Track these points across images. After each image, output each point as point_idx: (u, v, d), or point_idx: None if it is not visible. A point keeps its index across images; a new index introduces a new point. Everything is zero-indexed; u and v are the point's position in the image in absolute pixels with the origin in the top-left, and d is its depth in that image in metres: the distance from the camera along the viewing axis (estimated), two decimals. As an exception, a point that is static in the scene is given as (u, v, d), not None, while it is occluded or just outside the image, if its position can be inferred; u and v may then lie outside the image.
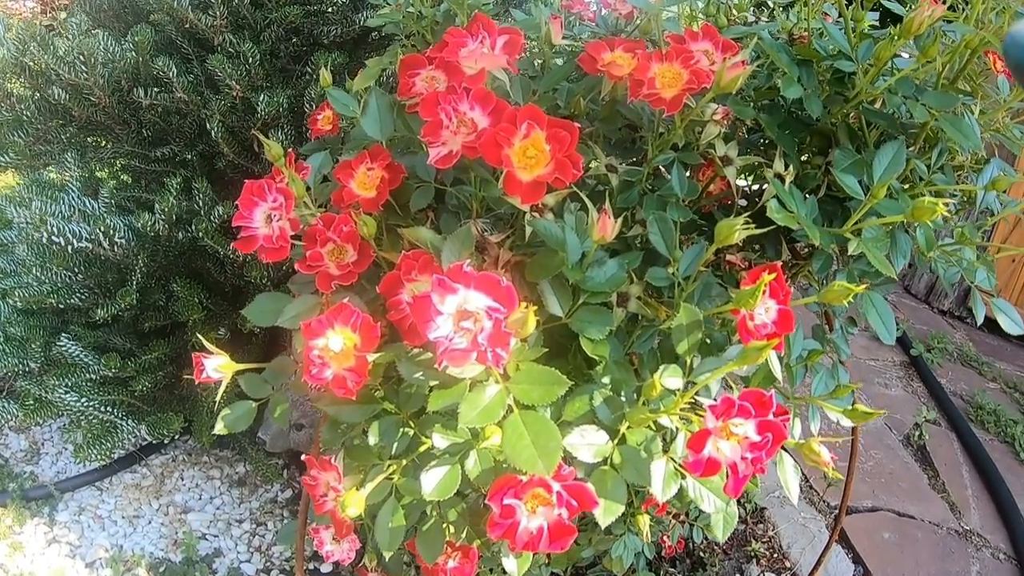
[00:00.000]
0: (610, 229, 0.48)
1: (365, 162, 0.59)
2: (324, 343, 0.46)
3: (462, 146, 0.51)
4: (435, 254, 0.51)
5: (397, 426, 0.54)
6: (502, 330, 0.41)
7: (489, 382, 0.46)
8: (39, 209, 0.96)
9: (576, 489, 0.44)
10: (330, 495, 0.53)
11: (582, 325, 0.52)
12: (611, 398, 0.52)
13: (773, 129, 0.66)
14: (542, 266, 0.51)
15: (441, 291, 0.41)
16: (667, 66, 0.55)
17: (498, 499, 0.43)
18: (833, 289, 0.51)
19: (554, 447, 0.43)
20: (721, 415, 0.43)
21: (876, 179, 0.57)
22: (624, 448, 0.50)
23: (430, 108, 0.53)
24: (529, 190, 0.47)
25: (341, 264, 0.54)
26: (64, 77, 1.06)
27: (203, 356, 0.57)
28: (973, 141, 0.56)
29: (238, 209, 0.54)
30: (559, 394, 0.45)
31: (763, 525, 1.24)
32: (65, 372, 1.05)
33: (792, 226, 0.51)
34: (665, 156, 0.60)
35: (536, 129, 0.48)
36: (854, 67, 0.62)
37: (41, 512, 1.16)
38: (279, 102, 1.12)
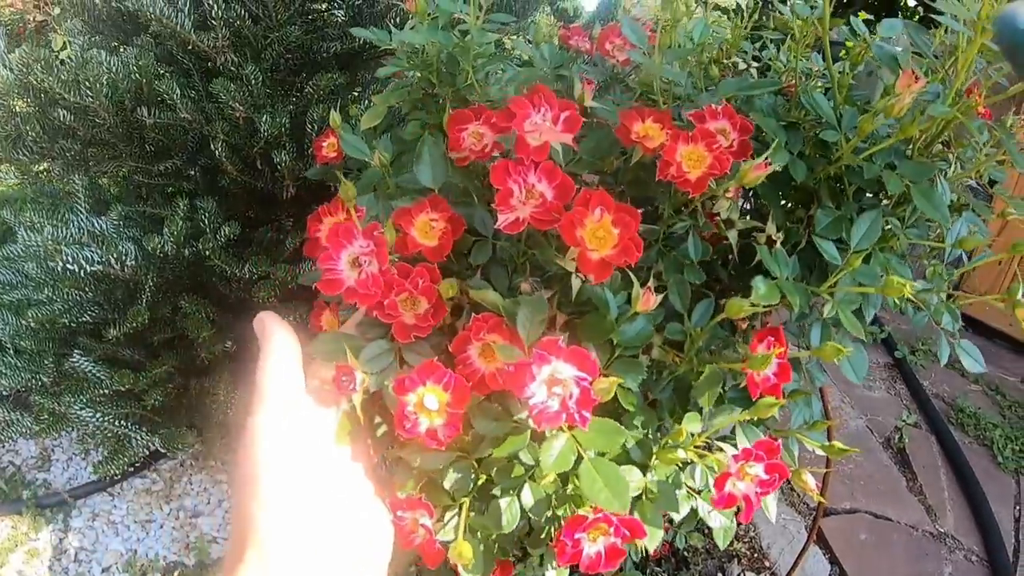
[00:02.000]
0: (652, 303, 0.55)
1: (426, 211, 0.63)
2: (418, 399, 0.51)
3: (530, 215, 0.57)
4: (507, 317, 0.56)
5: (470, 469, 0.60)
6: (590, 396, 0.48)
7: (556, 433, 0.52)
8: (51, 236, 0.99)
9: (629, 522, 0.52)
10: (420, 531, 0.59)
11: (618, 376, 0.59)
12: (642, 440, 0.59)
13: (761, 189, 0.70)
14: (593, 329, 0.58)
15: (538, 362, 0.48)
16: (692, 148, 0.60)
17: (570, 535, 0.51)
18: (825, 349, 0.58)
19: (623, 488, 0.51)
20: (740, 461, 0.52)
21: (853, 246, 0.62)
22: (657, 483, 0.58)
23: (501, 178, 0.57)
24: (599, 268, 0.53)
25: (418, 315, 0.58)
26: (68, 99, 1.07)
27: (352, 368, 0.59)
28: (941, 214, 0.62)
29: (327, 250, 0.56)
30: (620, 443, 0.52)
31: (744, 526, 1.32)
32: (79, 387, 1.09)
33: (774, 300, 0.57)
34: (682, 224, 0.66)
35: (606, 213, 0.54)
36: (838, 136, 0.66)
37: (56, 519, 1.21)
38: (281, 122, 1.14)
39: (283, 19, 1.18)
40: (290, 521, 0.35)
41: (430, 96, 0.86)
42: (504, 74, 0.82)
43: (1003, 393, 1.84)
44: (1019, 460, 1.62)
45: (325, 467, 0.40)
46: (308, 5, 1.22)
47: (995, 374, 1.93)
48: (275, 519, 0.34)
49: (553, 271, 0.63)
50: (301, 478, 0.36)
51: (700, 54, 0.86)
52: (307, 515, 0.37)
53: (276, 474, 0.35)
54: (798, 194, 0.75)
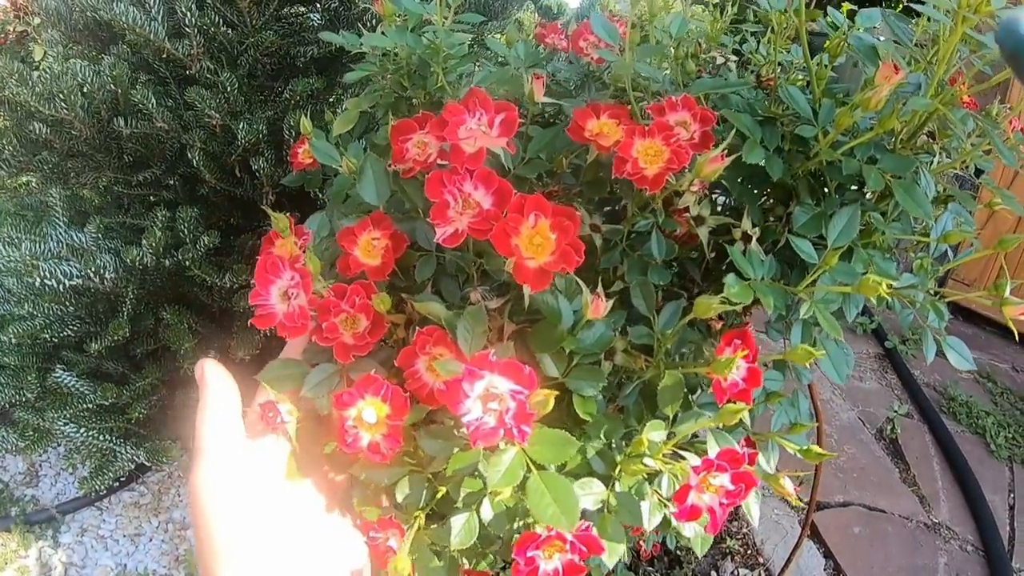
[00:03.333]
0: (602, 310, 0.53)
1: (368, 230, 0.62)
2: (357, 413, 0.50)
3: (468, 226, 0.55)
4: (449, 330, 0.55)
5: (423, 482, 0.59)
6: (526, 410, 0.46)
7: (505, 447, 0.51)
8: (29, 251, 0.97)
9: (585, 539, 0.50)
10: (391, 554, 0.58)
11: (577, 384, 0.57)
12: (603, 451, 0.58)
13: (735, 186, 0.69)
14: (544, 338, 0.56)
15: (470, 379, 0.46)
16: (649, 142, 0.58)
17: (522, 554, 0.49)
18: (797, 352, 0.56)
19: (573, 504, 0.49)
20: (701, 472, 0.50)
21: (831, 243, 0.61)
22: (619, 494, 0.56)
23: (436, 190, 0.56)
24: (536, 277, 0.51)
25: (356, 335, 0.57)
26: (44, 112, 1.06)
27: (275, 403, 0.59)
28: (924, 210, 0.60)
29: (254, 287, 0.56)
30: (571, 454, 0.51)
31: (737, 522, 1.31)
32: (63, 403, 1.08)
33: (747, 300, 0.56)
34: (645, 222, 0.64)
35: (542, 218, 0.52)
36: (815, 131, 0.65)
37: (45, 535, 1.20)
38: (259, 129, 1.13)
39: (258, 24, 1.17)
40: (252, 570, 0.34)
41: (403, 99, 0.84)
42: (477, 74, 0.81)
43: (994, 380, 1.84)
44: (1012, 448, 1.62)
45: (279, 508, 0.39)
46: (283, 10, 1.21)
47: (986, 361, 1.93)
48: (237, 572, 0.34)
49: (504, 279, 0.62)
50: (255, 525, 0.35)
51: (677, 49, 0.85)
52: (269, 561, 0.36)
53: (228, 527, 0.34)
54: (777, 191, 0.74)
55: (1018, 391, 1.81)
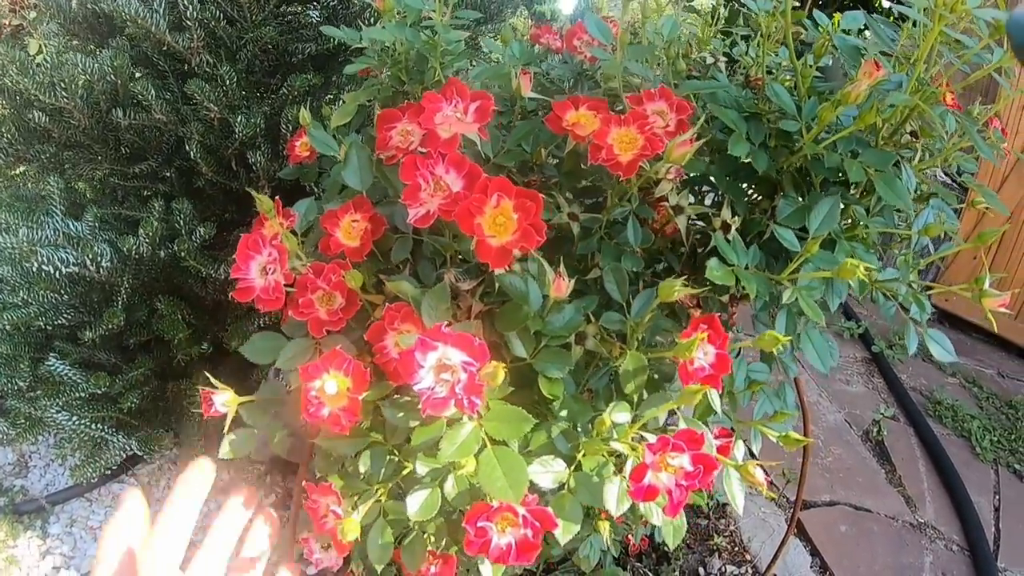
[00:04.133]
0: (564, 289, 0.54)
1: (349, 213, 0.64)
2: (320, 385, 0.51)
3: (438, 208, 0.56)
4: (415, 306, 0.56)
5: (384, 455, 0.60)
6: (475, 382, 0.47)
7: (464, 421, 0.52)
8: (26, 237, 0.98)
9: (538, 513, 0.51)
10: (330, 516, 0.59)
11: (543, 366, 0.58)
12: (567, 431, 0.59)
13: (722, 181, 0.71)
14: (510, 318, 0.57)
15: (423, 349, 0.47)
16: (624, 131, 0.60)
17: (473, 523, 0.50)
18: (764, 338, 0.58)
19: (522, 479, 0.50)
20: (657, 451, 0.51)
21: (812, 232, 0.63)
22: (579, 474, 0.57)
23: (409, 172, 0.57)
24: (498, 256, 0.53)
25: (331, 311, 0.59)
26: (43, 100, 1.07)
27: (211, 392, 0.61)
28: (904, 201, 0.63)
29: (235, 262, 0.58)
30: (526, 431, 0.51)
31: (725, 520, 1.32)
32: (55, 391, 1.08)
33: (729, 283, 0.57)
34: (622, 210, 0.66)
35: (505, 199, 0.53)
36: (798, 126, 0.67)
37: (33, 525, 1.20)
38: (256, 123, 1.14)
39: (258, 20, 1.18)
40: None
41: (401, 94, 0.86)
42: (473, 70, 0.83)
43: (980, 385, 1.86)
44: (997, 451, 1.64)
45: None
46: (283, 7, 1.23)
47: (972, 366, 1.95)
48: None
49: (476, 262, 0.63)
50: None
51: (668, 50, 0.88)
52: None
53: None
54: (762, 186, 0.76)
55: (1003, 396, 1.84)
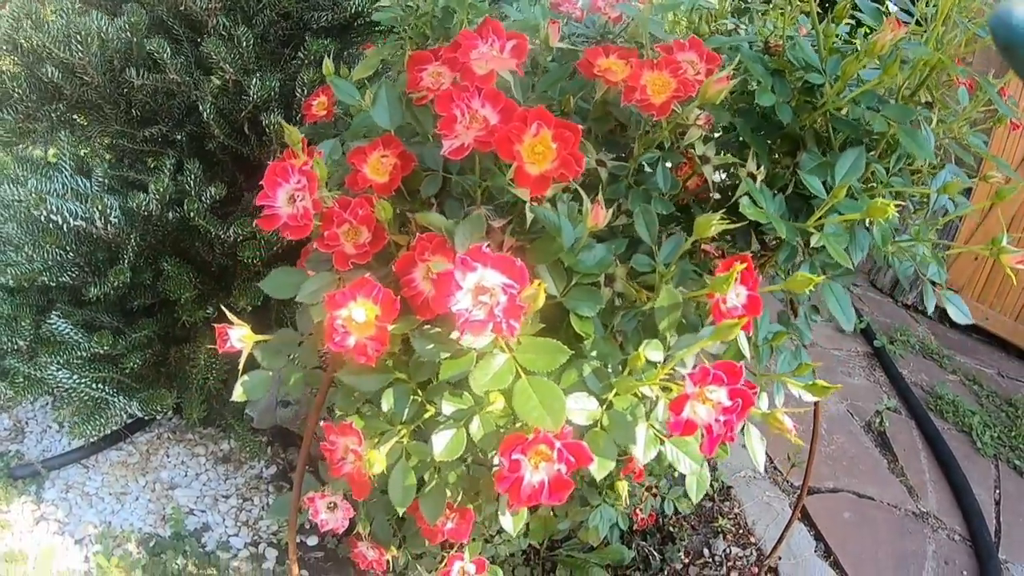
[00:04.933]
0: (602, 218, 0.54)
1: (378, 149, 0.63)
2: (347, 314, 0.50)
3: (473, 140, 0.56)
4: (448, 237, 0.56)
5: (408, 394, 0.59)
6: (516, 303, 0.46)
7: (496, 352, 0.51)
8: (35, 187, 0.97)
9: (574, 447, 0.50)
10: (349, 458, 0.58)
11: (575, 303, 0.57)
12: (599, 369, 0.58)
13: (747, 132, 0.72)
14: (542, 251, 0.56)
15: (463, 269, 0.46)
16: (657, 74, 0.60)
17: (507, 454, 0.48)
18: (796, 279, 0.57)
19: (559, 406, 0.49)
20: (698, 382, 0.50)
21: (838, 180, 0.63)
22: (612, 412, 0.56)
23: (445, 104, 0.57)
24: (537, 183, 0.52)
25: (357, 244, 0.58)
26: (57, 55, 1.06)
27: (227, 327, 0.60)
28: (926, 152, 0.63)
29: (262, 189, 0.58)
30: (561, 361, 0.51)
31: (729, 503, 1.32)
32: (56, 350, 1.06)
33: (761, 220, 0.57)
34: (650, 155, 0.66)
35: (544, 128, 0.53)
36: (823, 80, 0.68)
37: (28, 490, 1.18)
38: (271, 86, 1.14)
39: (276, -15, 1.18)
40: None
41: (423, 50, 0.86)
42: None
43: (980, 383, 1.87)
44: (998, 446, 1.64)
45: None
46: (301, -27, 1.23)
47: (972, 366, 1.96)
48: None
49: (508, 200, 0.63)
50: None
51: (690, 13, 0.88)
52: None
53: None
54: (785, 142, 0.76)
55: (1003, 395, 1.84)
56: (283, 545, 1.17)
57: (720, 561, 1.21)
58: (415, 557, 0.96)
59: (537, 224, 0.58)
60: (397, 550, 0.94)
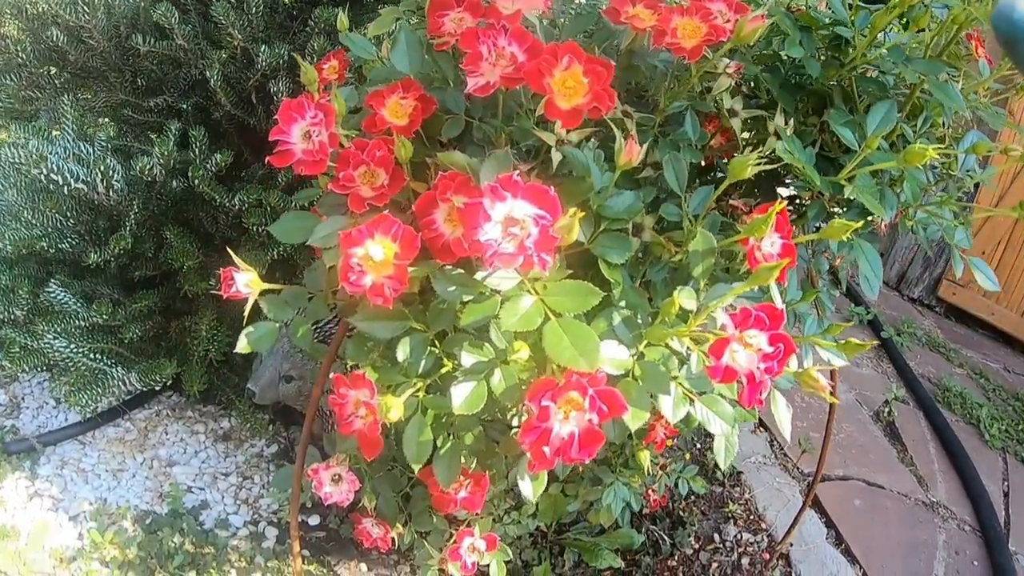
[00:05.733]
0: (636, 154, 0.52)
1: (397, 92, 0.61)
2: (364, 252, 0.48)
3: (500, 77, 0.54)
4: (472, 174, 0.53)
5: (424, 344, 0.56)
6: (549, 235, 0.44)
7: (523, 295, 0.49)
8: (36, 148, 0.95)
9: (607, 394, 0.46)
10: (361, 412, 0.55)
11: (603, 250, 0.55)
12: (629, 318, 0.55)
13: (775, 87, 0.70)
14: (570, 192, 0.54)
15: (492, 197, 0.44)
16: (687, 20, 0.59)
17: (536, 400, 0.45)
18: (834, 226, 0.56)
19: (592, 347, 0.46)
20: (740, 324, 0.47)
21: (870, 132, 0.62)
22: (644, 363, 0.54)
23: (471, 41, 0.55)
24: (568, 116, 0.50)
25: (375, 186, 0.56)
26: (64, 19, 1.04)
27: (233, 270, 0.58)
28: (957, 103, 0.61)
29: (277, 123, 0.56)
30: (593, 303, 0.48)
31: (739, 488, 1.29)
32: (53, 319, 1.04)
33: (796, 164, 0.55)
34: (679, 104, 0.64)
35: (575, 63, 0.51)
36: (851, 33, 0.66)
37: (22, 466, 1.15)
38: (280, 53, 1.12)
39: (286, -46, 1.17)
40: None
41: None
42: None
43: (987, 377, 1.86)
44: (1005, 439, 1.63)
45: None
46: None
47: (979, 360, 1.95)
48: None
49: (532, 144, 0.60)
50: None
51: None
52: None
53: None
54: (811, 101, 0.74)
55: (1010, 389, 1.83)
56: (283, 524, 1.14)
57: (731, 547, 1.18)
58: (422, 535, 0.94)
59: (564, 168, 0.56)
60: (403, 527, 0.92)
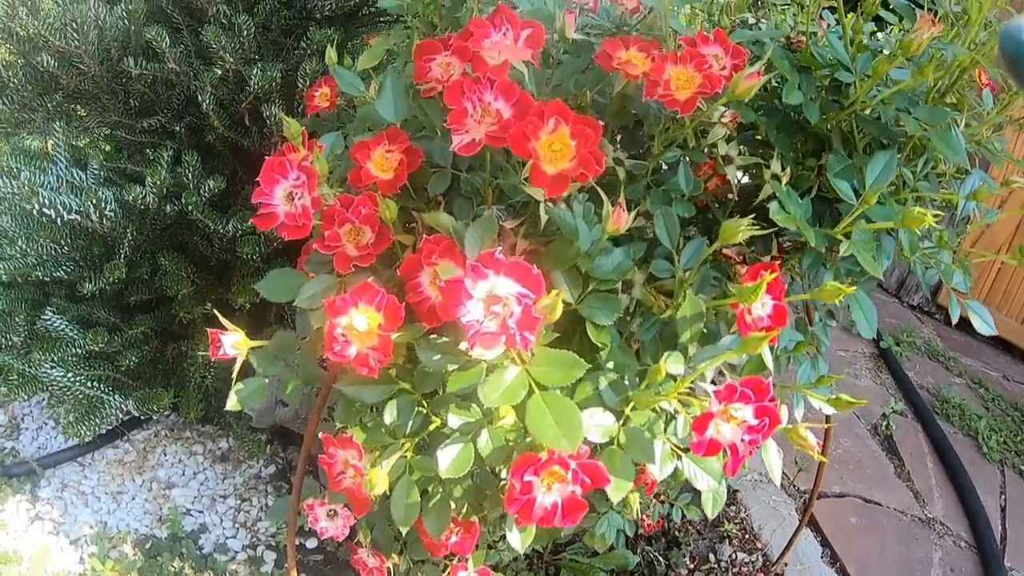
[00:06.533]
0: (623, 221, 0.51)
1: (383, 144, 0.60)
2: (348, 321, 0.48)
3: (485, 135, 0.53)
4: (457, 240, 0.53)
5: (412, 406, 0.56)
6: (531, 315, 0.43)
7: (508, 365, 0.48)
8: (28, 180, 0.94)
9: (590, 467, 0.47)
10: (348, 472, 0.55)
11: (591, 311, 0.55)
12: (615, 382, 0.55)
13: (772, 132, 0.69)
14: (557, 256, 0.53)
15: (473, 276, 0.43)
16: (681, 69, 0.57)
17: (519, 476, 0.45)
18: (825, 289, 0.55)
19: (576, 425, 0.46)
20: (724, 400, 0.47)
21: (868, 185, 0.61)
22: (629, 429, 0.53)
23: (455, 96, 0.54)
24: (554, 183, 0.49)
25: (360, 245, 0.55)
26: (53, 44, 1.03)
27: (220, 333, 0.58)
28: (960, 156, 0.60)
29: (258, 185, 0.55)
30: (577, 376, 0.47)
31: (735, 507, 1.30)
32: (50, 347, 1.04)
33: (791, 227, 0.55)
34: (672, 154, 0.63)
35: (563, 124, 0.50)
36: (852, 78, 0.65)
37: (23, 488, 1.15)
38: (272, 76, 1.11)
39: (278, -27, 1.15)
40: None
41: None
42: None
43: (986, 387, 1.85)
44: (1003, 451, 1.63)
45: None
46: (304, -39, 1.19)
47: (978, 369, 1.95)
48: None
49: (520, 199, 0.59)
50: None
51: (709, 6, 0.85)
52: None
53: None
54: (809, 143, 0.73)
55: (1009, 398, 1.83)
56: (282, 547, 1.15)
57: (726, 567, 1.19)
58: (417, 563, 0.94)
59: (552, 225, 0.56)
60: (398, 556, 0.92)
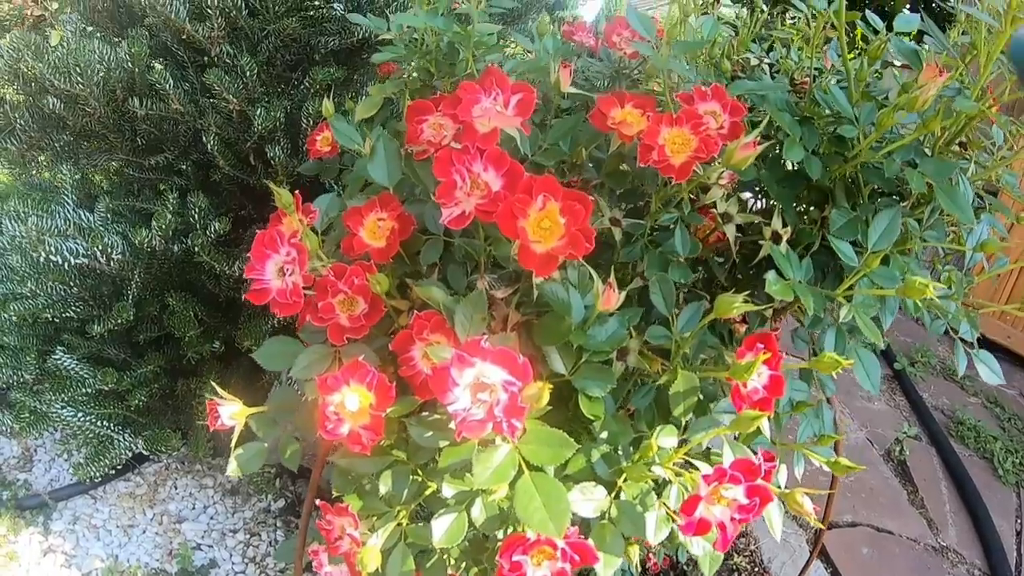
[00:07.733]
0: (614, 302, 0.50)
1: (375, 211, 0.60)
2: (340, 399, 0.48)
3: (475, 208, 0.53)
4: (447, 316, 0.52)
5: (407, 475, 0.56)
6: (517, 403, 0.43)
7: (499, 442, 0.48)
8: (35, 225, 0.95)
9: (579, 547, 0.47)
10: (345, 539, 0.55)
11: (584, 383, 0.54)
12: (608, 455, 0.54)
13: (773, 187, 0.68)
14: (550, 331, 0.53)
15: (459, 365, 0.43)
16: (677, 131, 0.56)
17: (507, 556, 0.46)
18: (823, 360, 0.54)
19: (563, 509, 0.45)
20: (712, 482, 0.46)
21: (871, 245, 0.59)
22: (621, 503, 0.53)
23: (444, 169, 0.53)
24: (542, 262, 0.49)
25: (352, 316, 0.55)
26: (58, 86, 1.04)
27: (218, 403, 0.58)
28: (966, 215, 0.59)
29: (249, 260, 0.55)
30: (567, 456, 0.47)
31: (745, 539, 1.28)
32: (61, 386, 1.05)
33: (787, 298, 0.54)
34: (669, 216, 0.62)
35: (552, 201, 0.50)
36: (856, 131, 0.63)
37: (35, 521, 1.17)
38: (276, 116, 1.11)
39: (280, 11, 1.15)
40: None
41: (429, 88, 0.83)
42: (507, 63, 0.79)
43: (1002, 406, 1.82)
44: (1019, 473, 1.60)
45: None
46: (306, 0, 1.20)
47: (994, 388, 1.91)
48: None
49: (514, 268, 0.59)
50: None
51: (711, 49, 0.84)
52: None
53: None
54: (812, 194, 0.72)
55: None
56: (290, 582, 1.15)
57: (735, 601, 1.18)
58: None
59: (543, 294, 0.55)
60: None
